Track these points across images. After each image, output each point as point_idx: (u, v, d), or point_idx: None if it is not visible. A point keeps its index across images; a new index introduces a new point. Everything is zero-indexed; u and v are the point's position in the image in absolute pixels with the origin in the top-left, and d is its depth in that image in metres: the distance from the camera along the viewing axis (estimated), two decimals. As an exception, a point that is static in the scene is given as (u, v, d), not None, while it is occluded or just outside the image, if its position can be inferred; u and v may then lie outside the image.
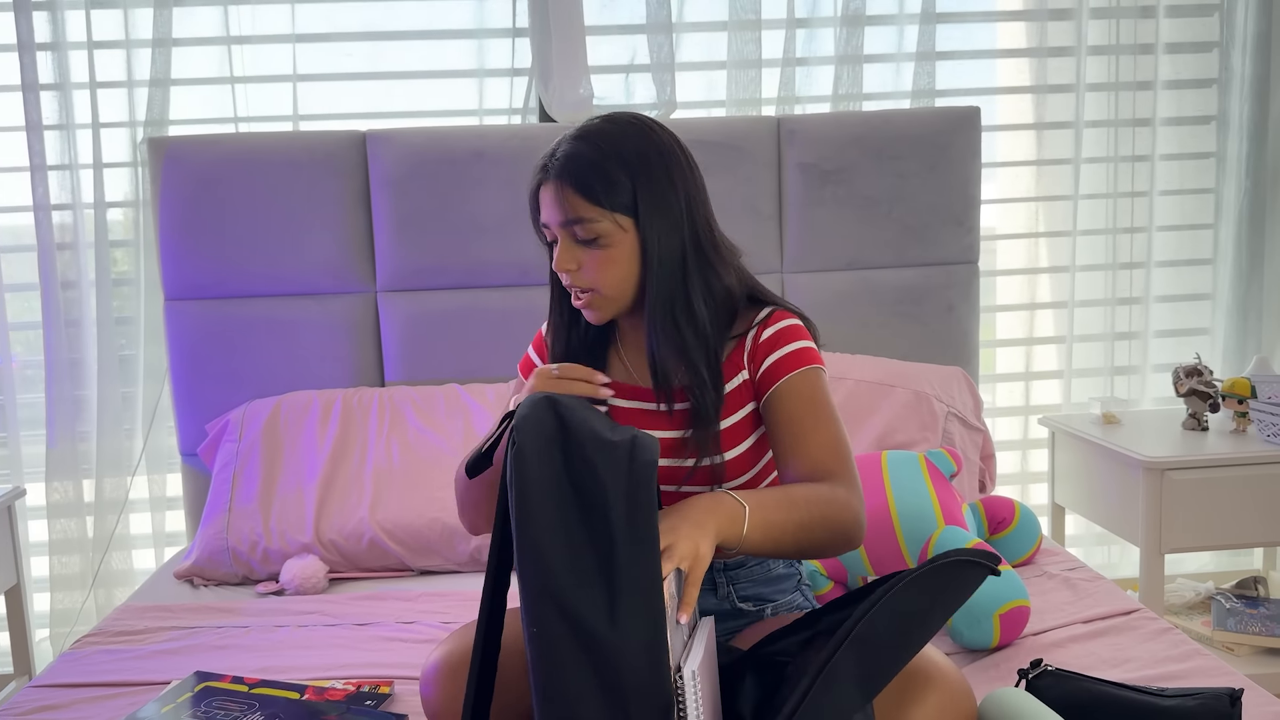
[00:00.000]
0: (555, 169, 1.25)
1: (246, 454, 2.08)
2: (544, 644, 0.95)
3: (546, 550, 0.97)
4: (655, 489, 1.01)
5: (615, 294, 1.28)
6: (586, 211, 1.24)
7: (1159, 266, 2.64)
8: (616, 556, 0.97)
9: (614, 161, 1.24)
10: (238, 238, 2.25)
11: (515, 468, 1.00)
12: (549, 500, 0.99)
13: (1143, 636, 1.56)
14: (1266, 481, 2.09)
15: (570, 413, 1.05)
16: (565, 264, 1.26)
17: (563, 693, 0.94)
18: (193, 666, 1.59)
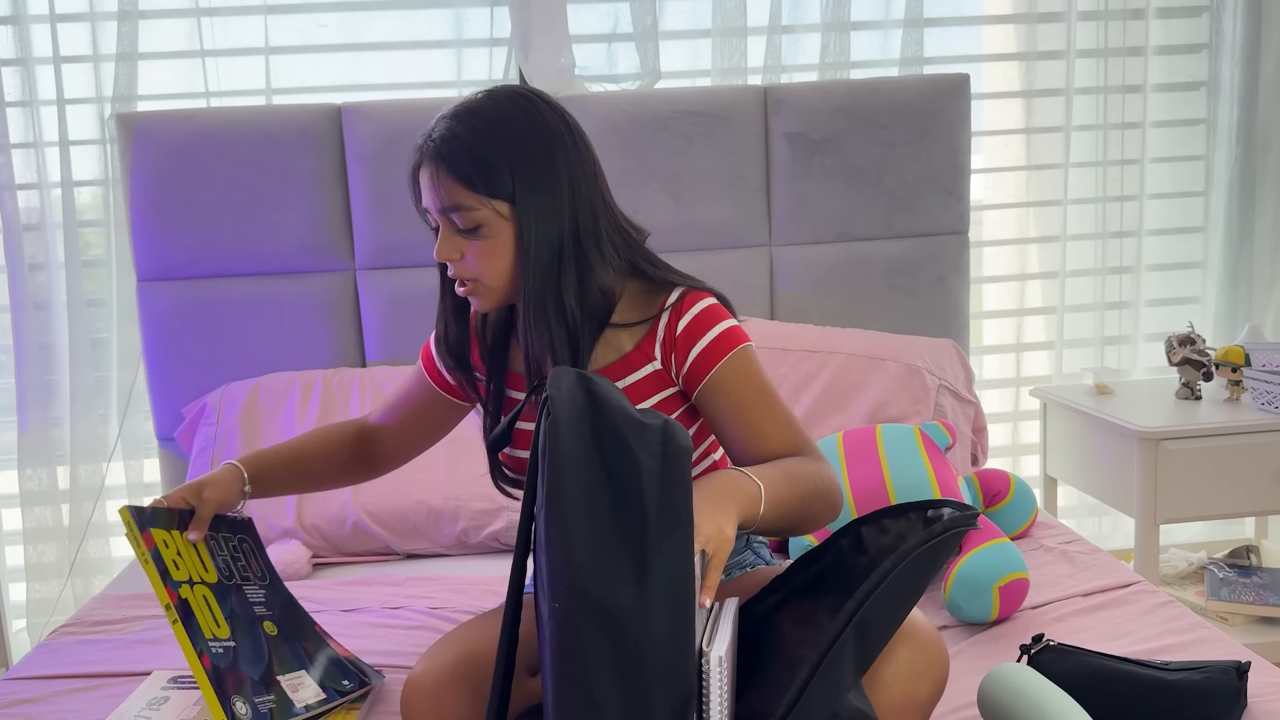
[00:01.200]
0: (430, 150, 1.17)
1: (225, 438, 2.03)
2: (564, 621, 0.91)
3: (573, 527, 0.93)
4: (689, 474, 0.97)
5: (500, 284, 1.21)
6: (464, 199, 1.16)
7: (1150, 235, 2.61)
8: (648, 538, 0.93)
9: (491, 144, 1.16)
10: (211, 216, 2.19)
11: (550, 438, 0.96)
12: (580, 476, 0.95)
13: (1142, 609, 1.54)
14: (1261, 450, 2.07)
15: (601, 389, 1.01)
16: (447, 253, 1.19)
17: (579, 672, 0.90)
18: (173, 655, 1.54)
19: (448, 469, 1.95)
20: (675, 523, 0.94)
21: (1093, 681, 1.24)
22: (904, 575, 1.04)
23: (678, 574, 0.93)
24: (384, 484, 1.93)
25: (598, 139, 2.22)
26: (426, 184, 1.19)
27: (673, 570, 0.93)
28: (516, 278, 1.20)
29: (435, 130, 1.19)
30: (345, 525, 1.91)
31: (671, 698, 0.91)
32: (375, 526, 1.92)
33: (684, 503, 0.95)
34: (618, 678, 0.90)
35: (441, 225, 1.20)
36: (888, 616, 1.04)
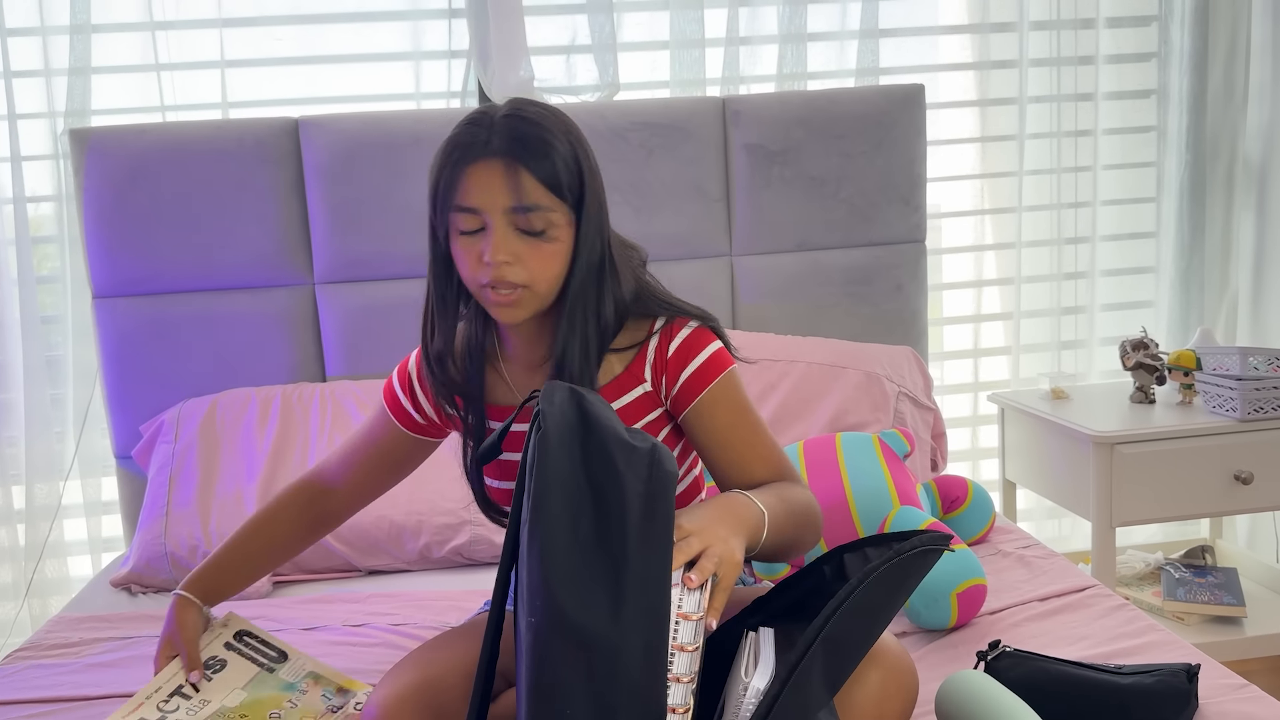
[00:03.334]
0: (504, 148, 1.12)
1: (183, 455, 2.01)
2: (539, 636, 0.91)
3: (555, 544, 0.93)
4: (673, 499, 0.97)
5: (546, 290, 1.17)
6: (543, 199, 1.13)
7: (1104, 240, 2.65)
8: (628, 560, 0.93)
9: (569, 149, 1.15)
10: (168, 231, 2.17)
11: (539, 453, 0.96)
12: (566, 493, 0.95)
13: (1097, 613, 1.56)
14: (1213, 452, 2.11)
15: (593, 407, 1.00)
16: (503, 254, 1.13)
17: (552, 689, 0.91)
18: (131, 678, 1.53)
19: (410, 484, 1.93)
20: (655, 546, 0.95)
21: (1048, 687, 1.26)
22: (871, 592, 1.04)
23: (654, 598, 0.94)
24: (345, 500, 1.92)
25: (557, 151, 2.23)
26: (490, 182, 1.12)
27: (650, 594, 0.93)
28: (557, 286, 1.18)
29: (508, 129, 1.13)
30: (306, 542, 1.90)
31: (643, 715, 0.91)
32: (336, 543, 1.91)
33: (665, 528, 0.96)
34: (590, 696, 0.91)
35: (499, 225, 1.13)
36: (857, 634, 1.05)
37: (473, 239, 1.15)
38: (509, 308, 1.17)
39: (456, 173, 1.14)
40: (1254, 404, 2.10)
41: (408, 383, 1.36)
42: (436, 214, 1.18)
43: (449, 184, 1.14)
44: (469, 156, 1.13)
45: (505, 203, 1.13)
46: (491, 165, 1.13)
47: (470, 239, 1.16)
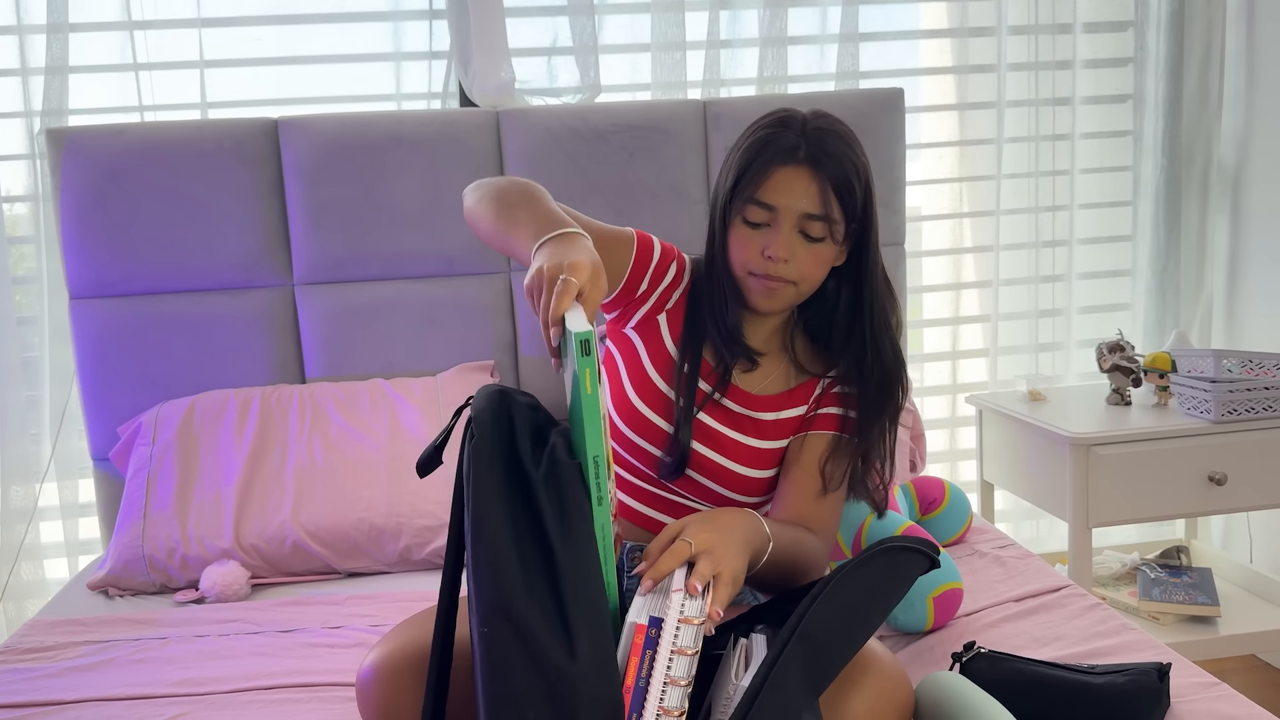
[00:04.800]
0: (823, 162, 1.24)
1: (161, 457, 2.00)
2: (492, 645, 0.93)
3: (499, 552, 0.95)
4: (579, 487, 0.99)
5: (808, 289, 1.30)
6: (835, 211, 1.25)
7: (1081, 244, 2.68)
8: (556, 556, 0.95)
9: (863, 166, 1.27)
10: (145, 232, 2.15)
11: (473, 461, 0.98)
12: (501, 499, 0.97)
13: (1072, 613, 1.57)
14: (1188, 454, 2.13)
15: (519, 409, 1.03)
16: (784, 252, 1.25)
17: (510, 695, 0.92)
18: (107, 683, 1.52)
19: (389, 486, 1.94)
20: (575, 540, 0.97)
21: (1022, 687, 1.27)
22: (848, 589, 1.06)
23: (588, 590, 0.95)
24: (324, 503, 1.92)
25: (539, 153, 2.24)
26: (801, 187, 1.24)
27: (584, 587, 0.95)
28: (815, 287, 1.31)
29: (827, 145, 1.25)
30: (285, 545, 1.89)
31: (598, 717, 0.92)
32: (315, 546, 1.90)
33: (579, 519, 0.98)
34: (548, 698, 0.92)
35: (787, 226, 1.25)
36: (838, 634, 1.06)
37: (757, 230, 1.27)
38: (770, 295, 1.29)
39: (765, 170, 1.24)
40: (1228, 406, 2.12)
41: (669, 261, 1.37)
42: (731, 200, 1.28)
43: (754, 178, 1.25)
44: (779, 158, 1.24)
45: (802, 209, 1.25)
46: (799, 172, 1.24)
47: (754, 230, 1.27)
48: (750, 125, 1.32)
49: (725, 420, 1.36)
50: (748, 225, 1.27)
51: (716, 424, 1.36)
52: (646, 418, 1.35)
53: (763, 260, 1.26)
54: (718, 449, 1.36)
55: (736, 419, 1.37)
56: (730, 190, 1.28)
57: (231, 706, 1.45)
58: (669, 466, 1.34)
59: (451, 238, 2.23)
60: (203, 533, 1.90)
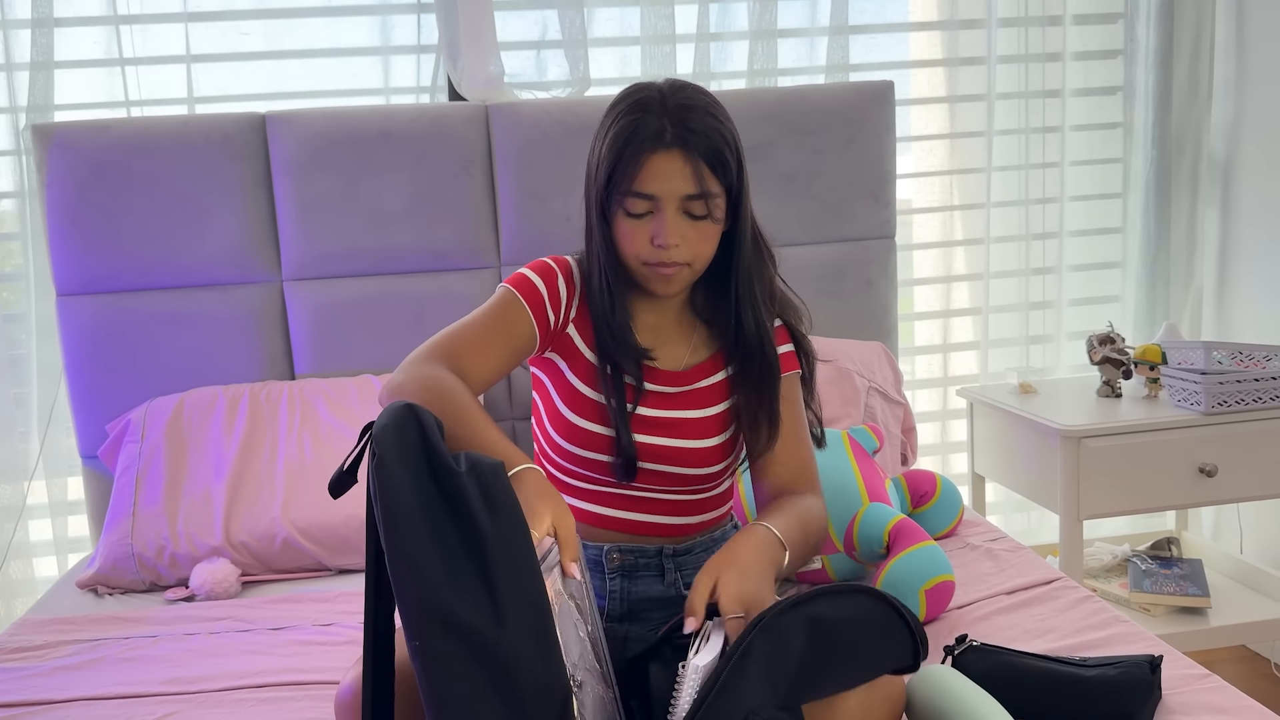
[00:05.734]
0: (691, 140, 1.22)
1: (150, 455, 1.99)
2: (429, 655, 0.92)
3: (420, 559, 0.94)
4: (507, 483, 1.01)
5: (702, 266, 1.30)
6: (714, 187, 1.24)
7: (1071, 236, 2.68)
8: (489, 553, 0.95)
9: (732, 137, 1.26)
10: (133, 228, 2.14)
11: (378, 480, 0.97)
12: (418, 510, 0.96)
13: (1063, 606, 1.58)
14: (1178, 446, 2.14)
15: (426, 416, 1.04)
16: (674, 238, 1.24)
17: (456, 701, 0.91)
18: (97, 682, 1.51)
19: (379, 482, 1.93)
20: (507, 535, 0.97)
21: (1014, 680, 1.27)
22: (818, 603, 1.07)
23: (524, 583, 0.95)
24: (315, 499, 1.91)
25: (528, 147, 2.23)
26: (673, 171, 1.23)
27: (519, 580, 0.95)
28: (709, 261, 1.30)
29: (689, 120, 1.22)
30: (274, 542, 1.88)
31: (549, 705, 0.93)
32: (305, 542, 1.89)
33: (509, 513, 0.98)
34: (496, 694, 0.91)
35: (671, 210, 1.24)
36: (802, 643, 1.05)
37: (641, 221, 1.25)
38: (668, 281, 1.28)
39: (636, 160, 1.22)
40: (1218, 397, 2.12)
41: (554, 279, 1.35)
42: (607, 195, 1.26)
43: (627, 170, 1.23)
44: (647, 146, 1.22)
45: (682, 191, 1.23)
46: (670, 156, 1.22)
47: (638, 221, 1.25)
48: (609, 111, 1.28)
49: (662, 404, 1.36)
50: (631, 217, 1.26)
51: (655, 411, 1.35)
52: (586, 430, 1.34)
53: (653, 249, 1.25)
54: (664, 433, 1.35)
55: (672, 399, 1.36)
56: (605, 185, 1.26)
57: (222, 705, 1.44)
58: (620, 468, 1.34)
59: (442, 233, 2.22)
60: (192, 530, 1.89)
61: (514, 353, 1.31)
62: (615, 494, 1.38)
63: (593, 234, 1.32)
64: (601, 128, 1.29)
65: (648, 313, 1.38)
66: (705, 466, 1.37)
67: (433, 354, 1.24)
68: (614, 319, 1.33)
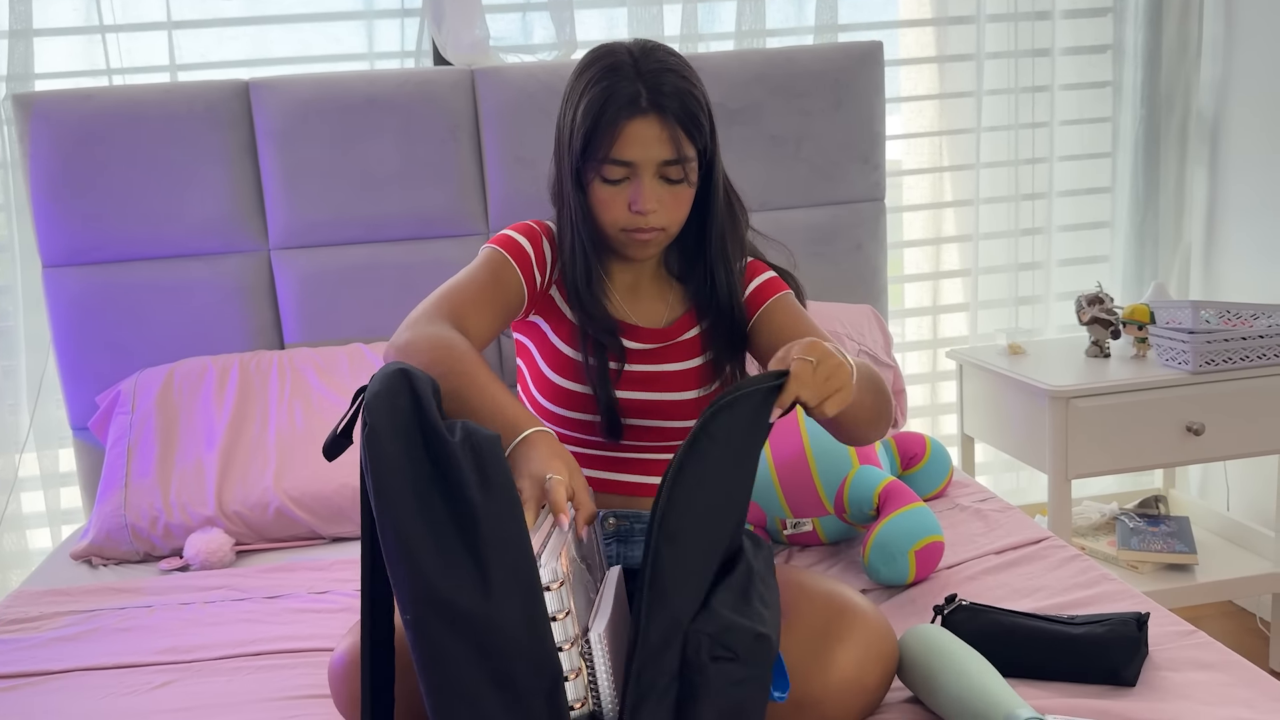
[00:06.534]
0: (667, 105, 1.21)
1: (140, 425, 1.99)
2: (420, 629, 0.91)
3: (410, 534, 0.93)
4: (502, 458, 0.98)
5: (676, 230, 1.30)
6: (690, 151, 1.24)
7: (1060, 196, 2.67)
8: (480, 529, 0.93)
9: (703, 96, 1.26)
10: (117, 198, 2.12)
11: (369, 450, 0.95)
12: (407, 481, 0.95)
13: (1052, 564, 1.59)
14: (1166, 404, 2.15)
15: (420, 384, 1.01)
16: (651, 204, 1.24)
17: (448, 676, 0.91)
18: (93, 652, 1.52)
19: (371, 450, 1.93)
20: (499, 511, 0.95)
21: (1003, 638, 1.29)
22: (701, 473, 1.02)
23: (516, 561, 0.93)
24: (307, 468, 1.91)
25: (514, 111, 2.21)
26: (650, 137, 1.22)
27: (510, 558, 0.93)
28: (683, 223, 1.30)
29: (664, 84, 1.22)
30: (268, 511, 1.89)
31: (539, 680, 0.92)
32: (299, 511, 1.90)
33: (503, 490, 0.96)
34: (486, 674, 0.91)
35: (648, 176, 1.24)
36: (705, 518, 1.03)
37: (618, 188, 1.25)
38: (645, 247, 1.29)
39: (612, 127, 1.21)
40: (1205, 356, 2.14)
41: (539, 241, 1.34)
42: (583, 163, 1.24)
43: (604, 137, 1.21)
44: (624, 113, 1.21)
45: (659, 158, 1.23)
46: (647, 122, 1.21)
47: (615, 187, 1.25)
48: (579, 75, 1.26)
49: (643, 359, 1.36)
50: (607, 183, 1.25)
51: (637, 366, 1.36)
52: (571, 390, 1.34)
53: (631, 215, 1.25)
54: (646, 388, 1.35)
55: (653, 354, 1.37)
56: (581, 152, 1.23)
57: (219, 673, 1.45)
58: (606, 426, 1.34)
59: (429, 200, 2.21)
60: (185, 500, 1.89)
61: (506, 313, 1.31)
62: (606, 457, 1.38)
63: (566, 201, 1.30)
64: (572, 93, 1.26)
65: (624, 273, 1.39)
66: (690, 419, 1.37)
67: (437, 312, 1.22)
68: (588, 289, 1.32)
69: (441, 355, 1.13)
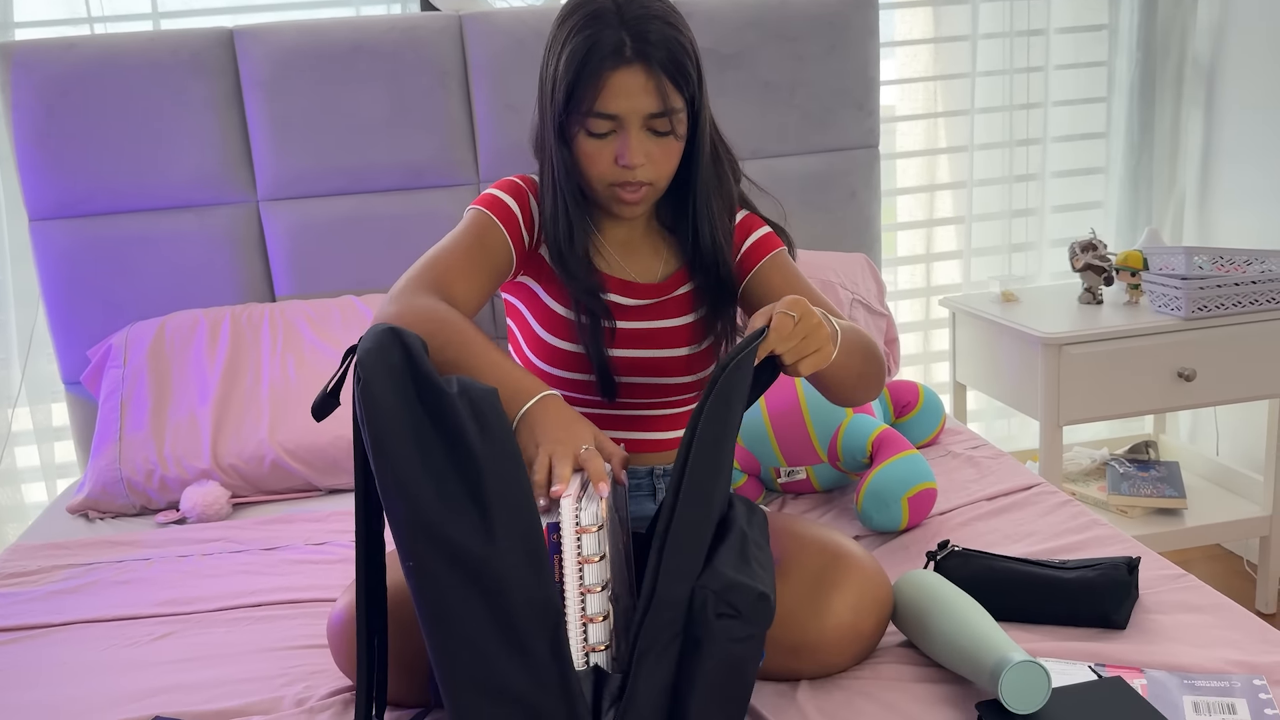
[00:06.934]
0: (652, 54, 1.17)
1: (133, 379, 1.98)
2: (423, 574, 0.92)
3: (410, 483, 0.93)
4: (499, 407, 0.98)
5: (665, 185, 1.27)
6: (678, 101, 1.20)
7: (1055, 142, 2.66)
8: (482, 475, 0.94)
9: (690, 44, 1.21)
10: (103, 150, 2.09)
11: (365, 405, 0.95)
12: (405, 432, 0.95)
13: (1043, 510, 1.61)
14: (1158, 351, 2.16)
15: (410, 338, 1.00)
16: (639, 157, 1.20)
17: (450, 619, 0.92)
18: (93, 605, 1.53)
19: (365, 402, 1.93)
20: (498, 456, 0.95)
21: (995, 583, 1.30)
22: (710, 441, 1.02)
23: (517, 503, 0.94)
24: (300, 421, 1.91)
25: (503, 58, 2.18)
26: (636, 88, 1.18)
27: (511, 501, 0.94)
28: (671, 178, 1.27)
29: (650, 32, 1.17)
30: (264, 464, 1.89)
31: (541, 625, 0.93)
32: (294, 464, 1.90)
33: (500, 436, 0.96)
34: (490, 616, 0.92)
35: (635, 129, 1.20)
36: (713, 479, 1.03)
37: (603, 141, 1.21)
38: (635, 204, 1.25)
39: (596, 79, 1.17)
40: (1198, 302, 2.14)
41: (526, 199, 1.32)
42: (566, 116, 1.20)
43: (588, 89, 1.17)
44: (608, 63, 1.16)
45: (646, 110, 1.18)
46: (632, 72, 1.17)
47: (600, 141, 1.21)
48: (560, 24, 1.21)
49: (637, 316, 1.35)
50: (593, 137, 1.21)
51: (631, 323, 1.34)
52: (565, 350, 1.33)
53: (618, 170, 1.22)
54: (641, 345, 1.35)
55: (647, 310, 1.35)
56: (564, 105, 1.19)
57: (218, 624, 1.46)
58: (601, 385, 1.33)
59: (418, 149, 2.19)
60: (180, 454, 1.89)
61: (495, 277, 1.28)
62: (603, 415, 1.38)
63: (549, 156, 1.26)
64: (554, 42, 1.22)
65: (617, 228, 1.37)
66: (686, 375, 1.37)
67: (421, 283, 1.19)
68: (570, 248, 1.29)
69: (435, 328, 1.12)
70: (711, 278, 1.35)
